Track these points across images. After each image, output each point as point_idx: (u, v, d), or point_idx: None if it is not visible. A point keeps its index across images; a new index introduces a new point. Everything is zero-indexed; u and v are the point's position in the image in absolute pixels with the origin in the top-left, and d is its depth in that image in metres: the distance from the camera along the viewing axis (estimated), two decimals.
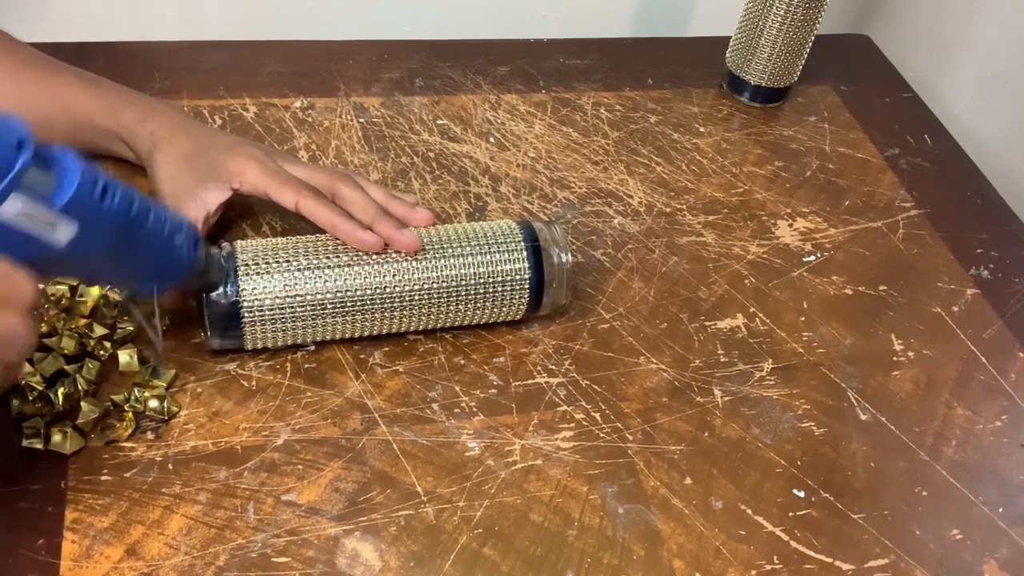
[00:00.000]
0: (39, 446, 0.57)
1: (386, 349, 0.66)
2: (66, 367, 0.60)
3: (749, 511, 0.61)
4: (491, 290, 0.64)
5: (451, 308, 0.64)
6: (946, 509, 0.63)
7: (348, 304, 0.61)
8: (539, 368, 0.67)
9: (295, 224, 0.73)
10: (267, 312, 0.60)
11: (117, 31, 0.93)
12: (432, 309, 0.63)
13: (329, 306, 0.61)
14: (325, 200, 0.64)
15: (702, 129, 0.90)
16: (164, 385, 0.61)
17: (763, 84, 0.92)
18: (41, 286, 0.63)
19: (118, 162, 0.72)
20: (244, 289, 0.59)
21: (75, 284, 0.64)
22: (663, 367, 0.68)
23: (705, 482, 0.62)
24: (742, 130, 0.91)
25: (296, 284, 0.60)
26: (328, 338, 0.64)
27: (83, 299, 0.63)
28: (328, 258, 0.61)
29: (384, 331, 0.64)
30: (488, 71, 0.92)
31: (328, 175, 0.67)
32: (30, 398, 0.58)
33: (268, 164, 0.66)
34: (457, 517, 0.58)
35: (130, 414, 0.59)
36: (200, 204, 0.65)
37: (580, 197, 0.80)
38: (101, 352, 0.62)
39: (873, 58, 1.04)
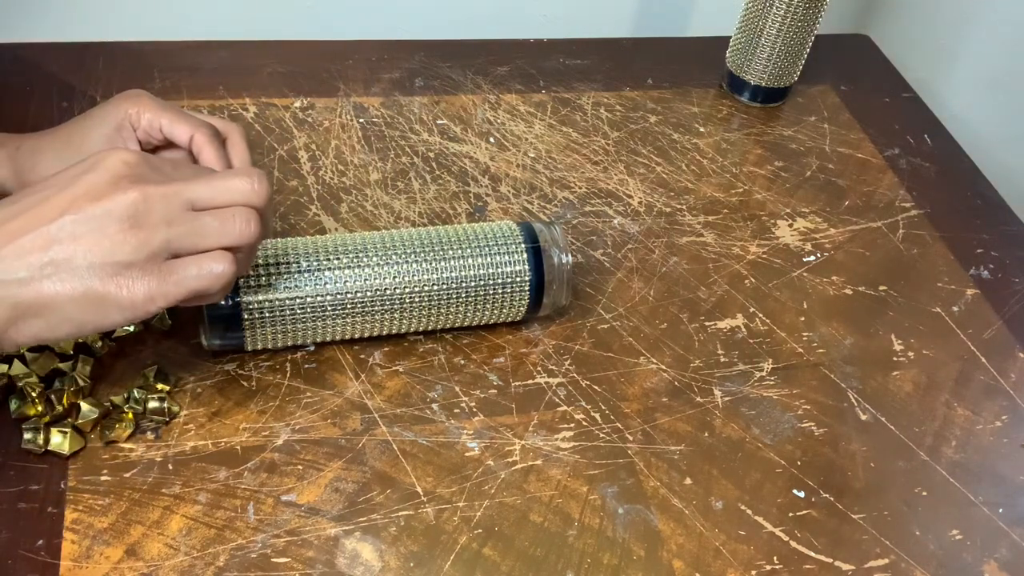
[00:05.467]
0: (39, 446, 0.57)
1: (386, 349, 0.66)
2: (60, 365, 0.60)
3: (749, 511, 0.61)
4: (491, 292, 0.64)
5: (451, 310, 0.64)
6: (946, 509, 0.63)
7: (348, 306, 0.61)
8: (539, 368, 0.67)
9: (295, 224, 0.74)
10: (267, 314, 0.60)
11: (117, 31, 0.93)
12: (432, 311, 0.63)
13: (329, 308, 0.61)
14: (219, 143, 0.63)
15: (702, 129, 0.90)
16: (168, 388, 0.61)
17: (763, 84, 0.92)
18: None
19: None
20: (244, 291, 0.59)
21: None
22: (663, 367, 0.68)
23: (705, 482, 0.62)
24: (742, 130, 0.91)
25: (296, 286, 0.60)
26: (328, 339, 0.64)
27: None
28: (328, 260, 0.61)
29: (384, 332, 0.64)
30: (488, 71, 0.92)
31: (223, 120, 0.66)
32: (29, 399, 0.58)
33: (160, 100, 0.64)
34: (457, 517, 0.58)
35: (130, 414, 0.59)
36: None
37: (580, 197, 0.80)
38: (99, 345, 0.62)
39: (873, 58, 1.04)
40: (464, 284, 0.63)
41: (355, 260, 0.61)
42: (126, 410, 0.59)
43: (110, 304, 0.48)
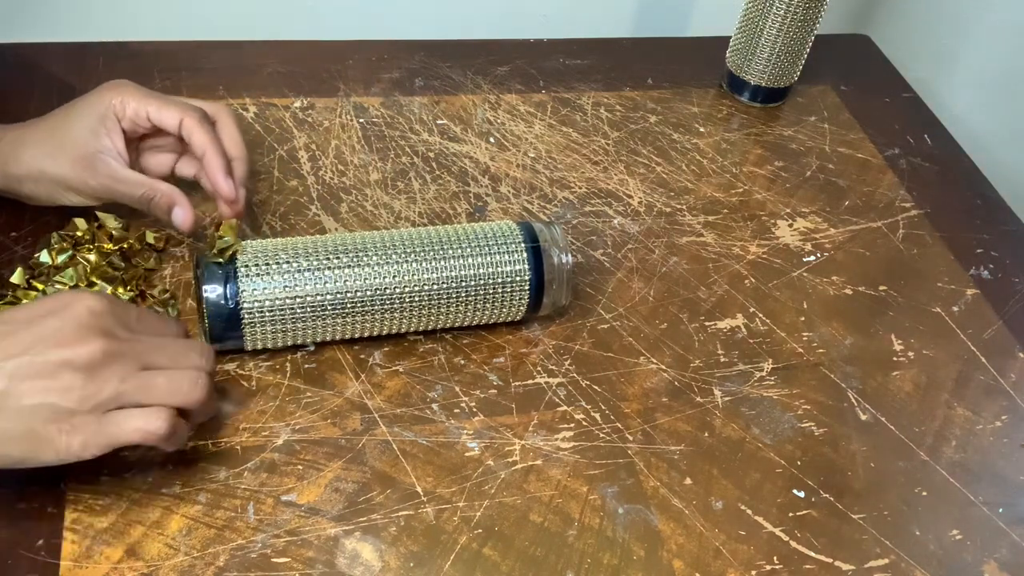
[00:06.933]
0: None
1: (386, 349, 0.66)
2: None
3: (749, 511, 0.61)
4: (491, 291, 0.64)
5: (451, 309, 0.64)
6: (946, 509, 0.63)
7: (348, 305, 0.61)
8: (539, 368, 0.67)
9: (295, 224, 0.74)
10: (267, 313, 0.60)
11: (117, 31, 0.93)
12: (432, 310, 0.63)
13: (329, 307, 0.61)
14: (208, 125, 0.64)
15: (702, 129, 0.90)
16: None
17: (763, 84, 0.92)
18: (41, 287, 0.63)
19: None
20: (244, 290, 0.59)
21: (75, 285, 0.64)
22: (663, 367, 0.68)
23: (705, 482, 0.62)
24: (742, 130, 0.91)
25: (296, 285, 0.60)
26: (328, 339, 0.64)
27: None
28: (328, 259, 0.61)
29: (384, 332, 0.64)
30: (488, 71, 0.92)
31: (211, 103, 0.67)
32: None
33: (145, 89, 0.65)
34: (457, 517, 0.58)
35: None
36: (108, 153, 0.63)
37: (580, 197, 0.80)
38: None
39: (873, 58, 1.04)
40: (464, 284, 0.63)
41: (355, 260, 0.61)
42: None
43: (46, 446, 0.49)
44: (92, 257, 0.66)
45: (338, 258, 0.61)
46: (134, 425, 0.50)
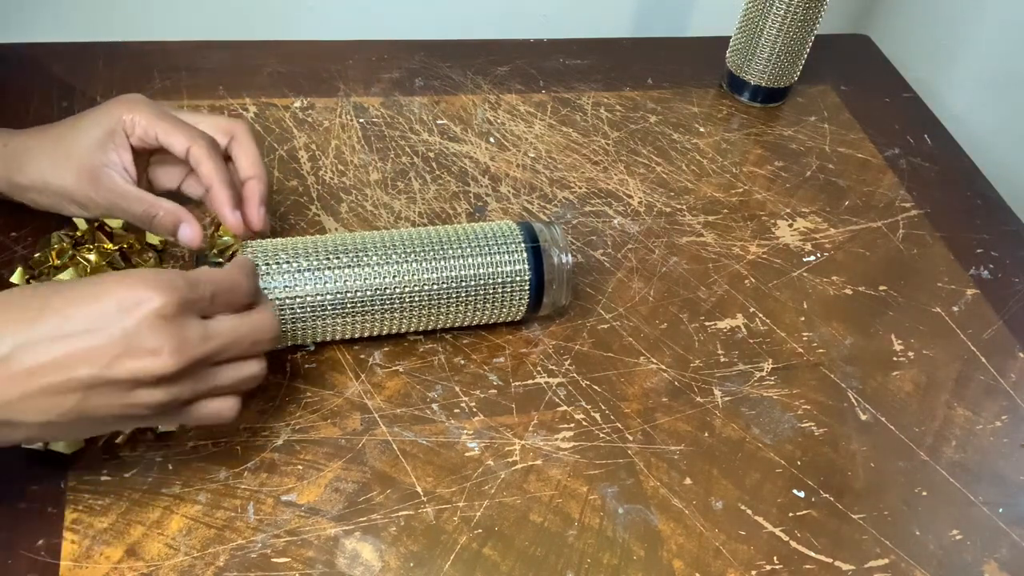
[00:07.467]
0: (39, 446, 0.57)
1: (386, 349, 0.66)
2: None
3: (749, 511, 0.61)
4: (491, 291, 0.64)
5: (451, 309, 0.64)
6: (946, 509, 0.63)
7: (348, 305, 0.61)
8: (539, 368, 0.67)
9: (295, 224, 0.74)
10: None
11: (117, 31, 0.93)
12: (432, 310, 0.63)
13: (329, 307, 0.61)
14: (217, 155, 0.62)
15: (702, 129, 0.90)
16: None
17: (763, 84, 0.92)
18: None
19: None
20: None
21: None
22: (663, 367, 0.68)
23: (705, 482, 0.62)
24: (742, 130, 0.91)
25: (296, 285, 0.60)
26: (328, 339, 0.64)
27: None
28: (328, 259, 0.61)
29: (384, 332, 0.64)
30: (488, 71, 0.92)
31: (228, 119, 0.65)
32: None
33: (157, 106, 0.63)
34: (457, 517, 0.58)
35: None
36: (114, 168, 0.61)
37: (580, 197, 0.80)
38: None
39: (873, 58, 1.04)
40: (464, 283, 0.63)
41: (355, 259, 0.61)
42: None
43: (119, 433, 0.57)
44: (92, 257, 0.66)
45: (338, 258, 0.61)
46: (205, 414, 0.52)
